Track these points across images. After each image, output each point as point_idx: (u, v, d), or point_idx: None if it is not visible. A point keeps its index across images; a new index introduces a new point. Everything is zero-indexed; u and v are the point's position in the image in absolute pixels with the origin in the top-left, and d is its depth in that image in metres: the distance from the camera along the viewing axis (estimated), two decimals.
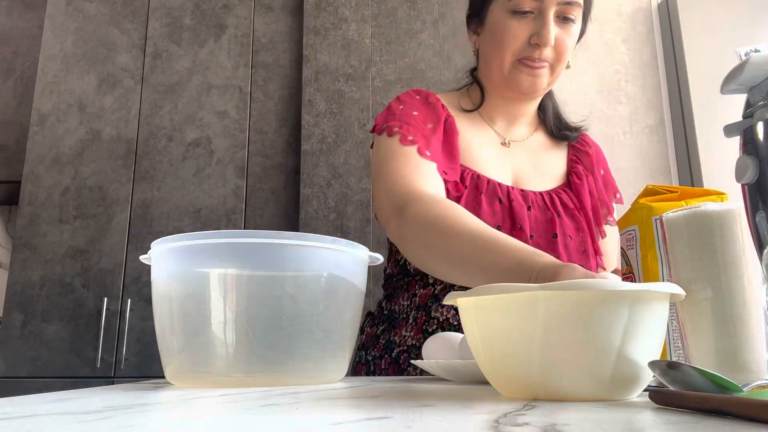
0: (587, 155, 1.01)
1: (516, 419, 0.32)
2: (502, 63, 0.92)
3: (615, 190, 1.02)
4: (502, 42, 0.91)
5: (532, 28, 0.89)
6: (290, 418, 0.33)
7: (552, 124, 1.03)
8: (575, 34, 0.93)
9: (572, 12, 0.90)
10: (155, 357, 1.88)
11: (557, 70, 0.93)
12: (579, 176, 0.98)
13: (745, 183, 0.44)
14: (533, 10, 0.89)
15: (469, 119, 0.99)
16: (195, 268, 0.59)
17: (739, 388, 0.37)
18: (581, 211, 0.94)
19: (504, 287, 0.42)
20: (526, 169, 0.97)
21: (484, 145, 0.97)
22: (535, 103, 1.02)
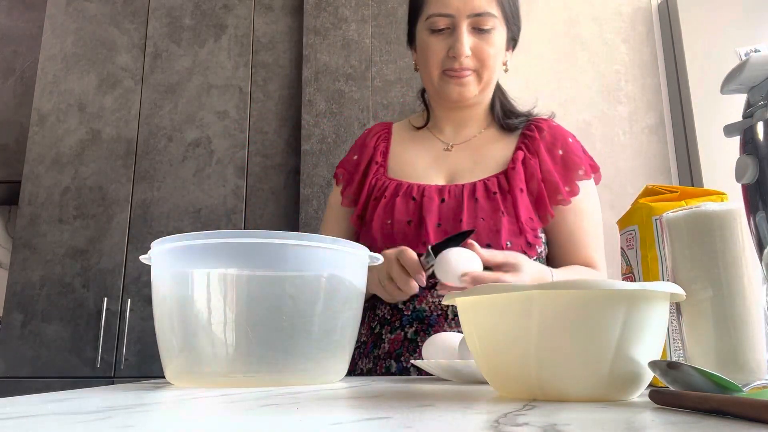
0: (534, 139, 1.04)
1: (516, 419, 0.32)
2: (431, 77, 1.03)
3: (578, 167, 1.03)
4: (426, 58, 1.02)
5: (448, 43, 0.99)
6: (290, 418, 0.33)
7: (499, 117, 1.09)
8: (496, 41, 1.00)
9: (486, 23, 0.98)
10: (155, 357, 1.88)
11: (484, 76, 1.01)
12: (515, 161, 1.02)
13: (745, 183, 0.44)
14: (448, 26, 0.99)
15: (416, 136, 1.12)
16: (195, 268, 0.59)
17: (739, 388, 0.37)
18: (509, 193, 0.98)
19: (500, 287, 0.42)
20: (464, 166, 1.04)
21: (421, 155, 1.08)
22: (481, 105, 1.08)
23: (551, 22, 2.35)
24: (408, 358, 0.94)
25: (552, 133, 1.06)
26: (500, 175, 1.00)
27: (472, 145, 1.07)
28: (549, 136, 1.05)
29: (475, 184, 0.99)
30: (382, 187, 1.03)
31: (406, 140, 1.11)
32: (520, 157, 1.02)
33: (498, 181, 0.99)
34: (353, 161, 1.11)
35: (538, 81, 2.28)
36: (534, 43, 2.33)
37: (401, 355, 0.94)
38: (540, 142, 1.04)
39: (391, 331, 0.97)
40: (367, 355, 0.98)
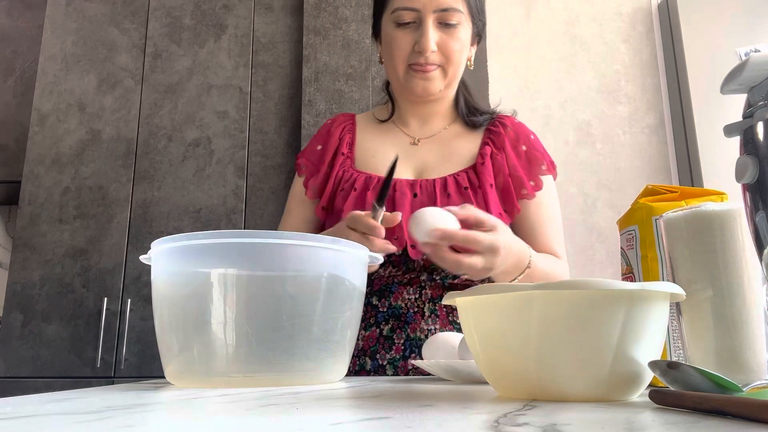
0: (499, 135, 1.05)
1: (516, 419, 0.32)
2: (396, 71, 1.02)
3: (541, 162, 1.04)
4: (392, 52, 1.01)
5: (414, 37, 0.99)
6: (290, 418, 0.33)
7: (464, 113, 1.09)
8: (462, 37, 1.00)
9: (452, 18, 0.98)
10: (155, 357, 1.88)
11: (449, 71, 1.01)
12: (484, 156, 1.02)
13: (745, 183, 0.44)
14: (414, 20, 0.99)
15: (381, 128, 1.11)
16: (195, 268, 0.59)
17: (739, 388, 0.37)
18: (480, 188, 0.98)
19: (500, 287, 0.42)
20: (432, 161, 1.05)
21: (388, 148, 1.07)
22: (446, 100, 1.09)
23: (551, 22, 2.35)
24: (384, 355, 0.94)
25: (515, 129, 1.07)
26: (469, 170, 1.01)
27: (438, 140, 1.07)
28: (513, 132, 1.06)
29: (446, 179, 1.00)
30: (350, 179, 1.02)
31: (371, 132, 1.11)
32: (488, 152, 1.03)
33: (468, 176, 1.00)
34: (317, 152, 1.10)
35: (538, 81, 2.28)
36: (534, 43, 2.33)
37: (377, 353, 0.94)
38: (505, 138, 1.05)
39: (365, 328, 0.97)
40: None
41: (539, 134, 2.19)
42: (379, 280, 0.98)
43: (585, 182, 2.20)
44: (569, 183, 2.20)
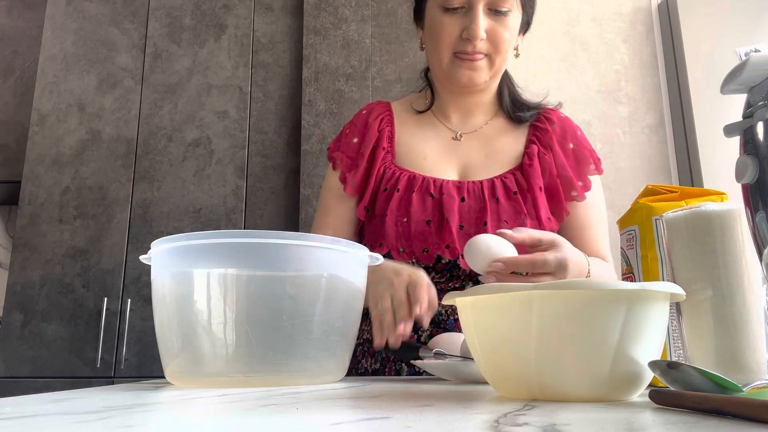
0: (546, 132, 1.00)
1: (516, 419, 0.32)
2: (440, 58, 0.96)
3: (589, 161, 1.01)
4: (438, 38, 0.95)
5: (462, 23, 0.93)
6: (290, 418, 0.33)
7: (508, 108, 1.04)
8: (512, 25, 0.95)
9: (503, 4, 0.92)
10: (155, 357, 1.87)
11: (496, 61, 0.96)
12: (531, 157, 0.98)
13: (745, 183, 0.44)
14: (463, 5, 0.93)
15: (420, 120, 1.05)
16: (195, 268, 0.59)
17: (739, 388, 0.37)
18: (529, 192, 0.94)
19: (500, 287, 0.42)
20: (476, 159, 1.00)
21: (429, 144, 1.01)
22: (489, 92, 1.03)
23: (551, 22, 2.35)
24: None
25: (562, 125, 1.02)
26: (516, 172, 0.96)
27: (481, 136, 1.02)
28: (559, 128, 1.01)
29: (493, 182, 0.95)
30: (392, 177, 0.97)
31: (411, 125, 1.04)
32: (535, 152, 0.97)
33: (516, 179, 0.95)
34: (354, 144, 1.02)
35: (538, 81, 2.28)
36: (534, 43, 2.33)
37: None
38: (552, 135, 0.99)
39: None
40: (374, 354, 0.94)
41: None
42: None
43: None
44: None
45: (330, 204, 1.02)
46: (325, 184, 1.05)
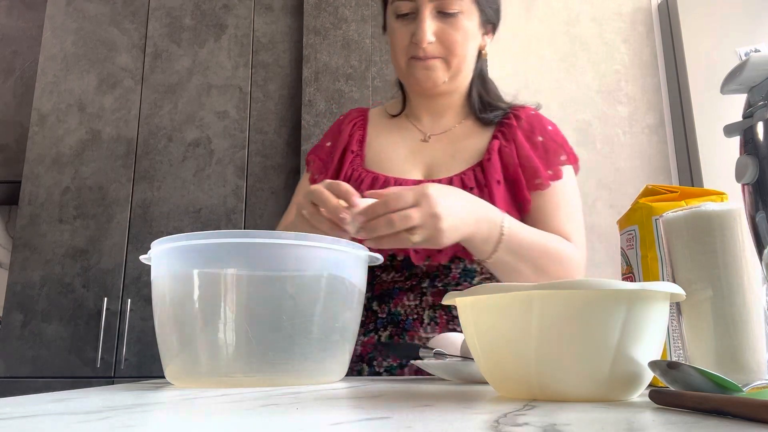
0: (511, 127, 1.00)
1: (516, 419, 0.32)
2: (398, 64, 0.99)
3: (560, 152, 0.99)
4: (393, 44, 0.98)
5: (412, 28, 0.94)
6: (290, 418, 0.33)
7: (477, 110, 1.04)
8: (464, 26, 0.95)
9: (451, 6, 0.93)
10: (155, 357, 1.88)
11: (452, 62, 0.96)
12: (491, 151, 0.97)
13: (745, 183, 0.44)
14: (411, 10, 0.94)
15: (393, 124, 1.07)
16: (195, 268, 0.59)
17: (739, 388, 0.37)
18: (486, 186, 0.94)
19: (500, 287, 0.42)
20: (442, 159, 1.00)
21: (399, 146, 1.03)
22: (457, 94, 1.04)
23: (551, 22, 2.35)
24: (381, 362, 0.91)
25: (530, 121, 1.01)
26: (476, 168, 0.96)
27: (449, 137, 1.03)
28: (527, 124, 1.01)
29: (451, 179, 0.95)
30: (358, 179, 0.98)
31: (382, 129, 1.06)
32: (496, 147, 0.98)
33: (474, 175, 0.95)
34: (327, 148, 1.06)
35: (538, 81, 2.28)
36: (534, 43, 2.33)
37: (374, 359, 0.91)
38: (517, 129, 0.99)
39: (364, 333, 0.94)
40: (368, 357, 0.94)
41: None
42: (381, 285, 0.95)
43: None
44: None
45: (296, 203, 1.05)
46: (298, 186, 1.10)
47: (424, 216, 0.70)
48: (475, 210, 0.79)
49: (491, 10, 0.99)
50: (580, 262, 0.92)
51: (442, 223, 0.71)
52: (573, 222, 0.96)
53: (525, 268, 0.85)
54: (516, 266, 0.84)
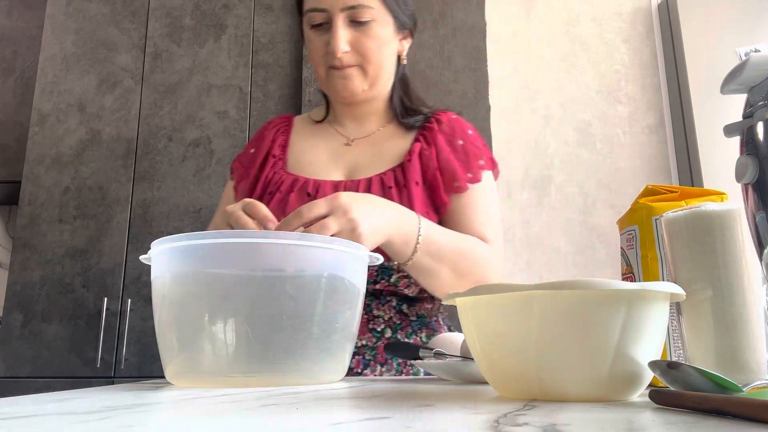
0: (432, 130, 1.01)
1: (516, 419, 0.32)
2: (319, 73, 1.00)
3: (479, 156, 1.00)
4: (311, 54, 0.99)
5: (327, 38, 0.95)
6: (290, 418, 0.33)
7: (398, 115, 1.06)
8: (378, 33, 0.96)
9: (363, 15, 0.94)
10: (155, 357, 1.88)
11: (369, 70, 0.97)
12: (411, 153, 0.98)
13: (745, 183, 0.44)
14: (325, 20, 0.95)
15: (317, 129, 1.09)
16: (195, 268, 0.59)
17: (739, 388, 0.37)
18: (405, 186, 0.95)
19: (500, 287, 0.42)
20: (364, 161, 1.01)
21: (321, 150, 1.04)
22: (379, 99, 1.05)
23: (551, 22, 2.35)
24: None
25: (451, 125, 1.03)
26: (397, 169, 0.97)
27: (371, 140, 1.04)
28: (448, 128, 1.02)
29: (371, 179, 0.96)
30: (278, 182, 0.99)
31: (306, 134, 1.08)
32: (417, 149, 0.99)
33: (394, 175, 0.96)
34: (249, 155, 1.06)
35: (538, 81, 2.28)
36: (534, 43, 2.33)
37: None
38: (438, 133, 1.01)
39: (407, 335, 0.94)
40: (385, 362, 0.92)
41: (539, 134, 2.20)
42: None
43: (585, 182, 2.20)
44: (569, 183, 2.20)
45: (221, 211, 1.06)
46: (223, 194, 1.10)
47: (340, 223, 0.70)
48: (391, 214, 0.79)
49: (405, 16, 1.00)
50: (496, 263, 0.94)
51: (360, 228, 0.71)
52: (490, 224, 0.98)
53: (442, 269, 0.86)
54: (434, 268, 0.85)
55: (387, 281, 0.92)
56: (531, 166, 2.20)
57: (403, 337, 0.94)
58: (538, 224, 2.17)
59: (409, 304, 0.96)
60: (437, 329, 0.98)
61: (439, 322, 1.01)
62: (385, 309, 0.95)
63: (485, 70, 2.08)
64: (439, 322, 1.01)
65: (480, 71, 2.08)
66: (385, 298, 0.95)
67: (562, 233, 2.16)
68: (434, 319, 1.00)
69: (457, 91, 2.06)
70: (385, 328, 0.93)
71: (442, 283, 0.88)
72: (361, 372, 0.90)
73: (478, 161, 1.00)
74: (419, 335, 0.95)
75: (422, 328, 0.96)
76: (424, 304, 0.98)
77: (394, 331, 0.94)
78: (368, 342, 0.92)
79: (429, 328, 0.97)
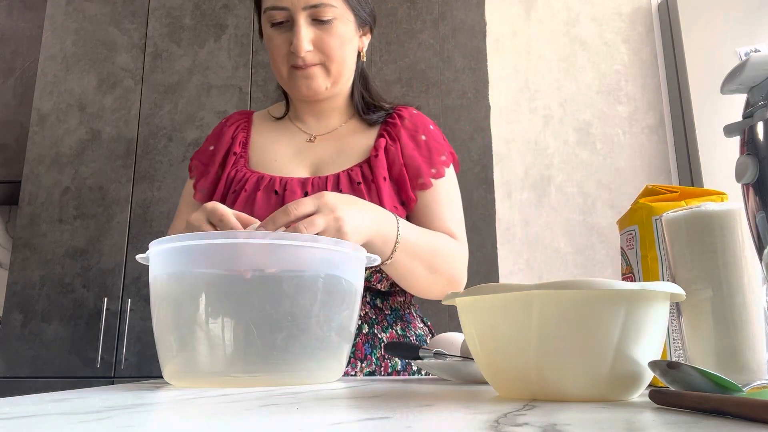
0: (395, 126, 1.02)
1: (516, 419, 0.32)
2: (279, 73, 0.99)
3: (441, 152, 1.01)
4: (272, 53, 0.98)
5: (289, 37, 0.95)
6: (290, 418, 0.33)
7: (360, 110, 1.06)
8: (340, 31, 0.95)
9: (325, 14, 0.93)
10: (155, 357, 1.87)
11: (332, 68, 0.97)
12: (378, 149, 0.99)
13: (745, 183, 0.44)
14: (286, 19, 0.94)
15: (277, 126, 1.08)
16: (193, 269, 0.59)
17: (739, 388, 0.37)
18: (373, 182, 0.95)
19: (500, 287, 0.42)
20: (328, 157, 1.01)
21: (284, 147, 1.04)
22: (340, 96, 1.05)
23: (551, 22, 2.35)
24: None
25: (413, 120, 1.04)
26: (363, 164, 0.98)
27: (335, 136, 1.04)
28: (410, 123, 1.03)
29: (338, 176, 0.96)
30: (242, 179, 0.98)
31: (267, 131, 1.07)
32: (383, 145, 0.99)
33: (362, 171, 0.97)
34: (209, 152, 1.05)
35: (538, 81, 2.28)
36: (534, 43, 2.33)
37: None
38: (401, 129, 1.02)
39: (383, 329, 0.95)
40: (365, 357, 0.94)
41: (539, 134, 2.20)
42: None
43: (585, 182, 2.20)
44: (569, 183, 2.20)
45: (182, 210, 1.06)
46: (182, 192, 1.09)
47: (327, 221, 0.70)
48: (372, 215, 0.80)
49: (365, 13, 1.01)
50: (463, 256, 0.97)
51: (345, 226, 0.72)
52: (455, 219, 1.00)
53: (418, 267, 0.88)
54: (410, 266, 0.87)
55: None
56: (531, 166, 2.20)
57: (380, 331, 0.95)
58: (538, 224, 2.17)
59: (383, 298, 0.98)
60: (411, 321, 1.01)
61: (412, 314, 1.03)
62: None
63: (485, 70, 2.08)
64: (413, 314, 1.03)
65: (480, 71, 2.08)
66: None
67: (562, 233, 2.16)
68: (407, 311, 1.02)
69: (457, 91, 2.06)
70: (362, 324, 0.94)
71: (418, 281, 0.90)
72: None
73: (440, 156, 1.01)
74: (395, 328, 0.97)
75: (397, 321, 0.98)
76: (397, 297, 1.00)
77: (370, 326, 0.95)
78: None
79: (403, 321, 1.00)
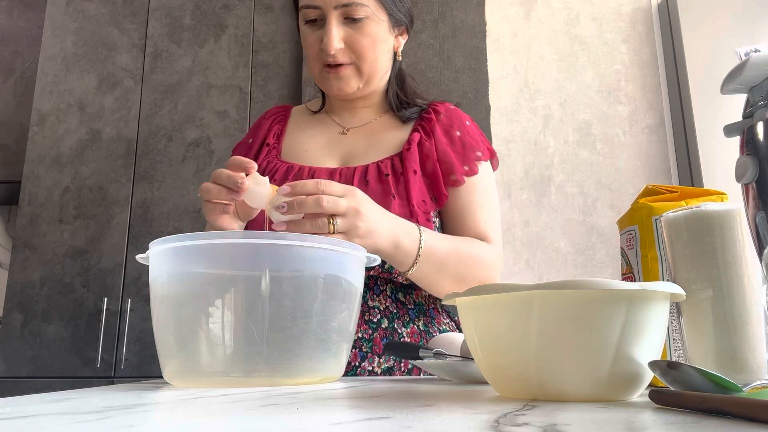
0: (430, 121, 1.02)
1: (516, 419, 0.32)
2: (312, 70, 1.00)
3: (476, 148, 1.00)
4: (306, 51, 0.99)
5: (320, 35, 0.95)
6: (290, 418, 0.33)
7: (394, 108, 1.06)
8: (372, 31, 0.95)
9: (357, 12, 0.93)
10: (155, 357, 1.87)
11: (363, 68, 0.96)
12: (411, 143, 0.98)
13: (745, 183, 0.44)
14: (319, 17, 0.94)
15: (313, 119, 1.09)
16: (193, 269, 0.59)
17: (739, 388, 0.37)
18: (403, 175, 0.95)
19: (500, 287, 0.42)
20: (359, 149, 1.02)
21: (316, 138, 1.05)
22: (375, 94, 1.05)
23: (551, 22, 2.35)
24: None
25: (449, 115, 1.03)
26: (395, 157, 0.97)
27: (368, 130, 1.04)
28: (446, 118, 1.02)
29: (367, 167, 0.96)
30: (273, 170, 0.99)
31: (302, 124, 1.09)
32: (416, 139, 0.99)
33: (392, 163, 0.96)
34: (247, 144, 1.08)
35: (538, 81, 2.28)
36: (534, 43, 2.33)
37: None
38: (436, 124, 1.01)
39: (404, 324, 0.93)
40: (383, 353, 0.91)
41: (539, 134, 2.20)
42: None
43: (585, 182, 2.20)
44: (569, 183, 2.20)
45: None
46: None
47: (349, 207, 0.71)
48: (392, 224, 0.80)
49: (400, 13, 1.00)
50: (496, 261, 0.95)
51: (362, 221, 0.73)
52: (491, 221, 0.98)
53: (443, 277, 0.87)
54: (434, 275, 0.87)
55: (381, 267, 0.92)
56: (531, 166, 2.20)
57: (400, 326, 0.93)
58: (538, 224, 2.17)
59: (405, 292, 0.96)
60: (435, 316, 0.98)
61: (437, 310, 1.00)
62: (380, 299, 0.94)
63: (485, 70, 2.08)
64: (437, 309, 1.00)
65: (480, 71, 2.08)
66: (380, 287, 0.95)
67: (562, 233, 2.16)
68: (432, 306, 0.99)
69: (457, 91, 2.06)
70: (382, 318, 0.92)
71: (444, 289, 0.89)
72: (359, 365, 0.90)
73: (475, 153, 1.00)
74: (416, 324, 0.94)
75: (420, 316, 0.96)
76: (421, 291, 0.98)
77: (390, 321, 0.93)
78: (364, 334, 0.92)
79: (427, 316, 0.97)
